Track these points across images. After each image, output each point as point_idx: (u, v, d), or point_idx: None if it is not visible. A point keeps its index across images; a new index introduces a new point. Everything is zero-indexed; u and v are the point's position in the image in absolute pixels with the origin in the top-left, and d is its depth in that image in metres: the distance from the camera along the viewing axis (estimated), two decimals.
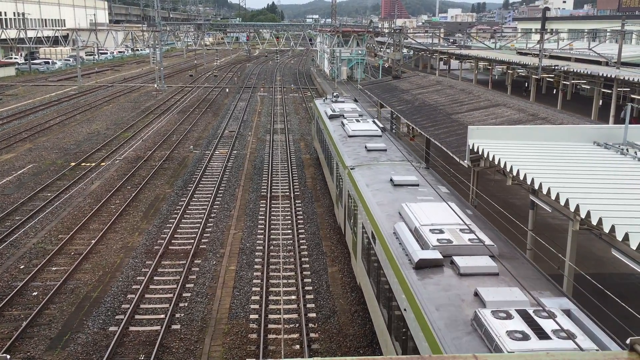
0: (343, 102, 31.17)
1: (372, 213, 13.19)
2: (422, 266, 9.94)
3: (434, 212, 11.85)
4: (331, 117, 25.84)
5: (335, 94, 33.08)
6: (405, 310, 9.62)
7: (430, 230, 10.95)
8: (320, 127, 27.56)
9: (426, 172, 17.02)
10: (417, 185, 14.86)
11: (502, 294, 8.61)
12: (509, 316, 8.01)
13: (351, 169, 17.30)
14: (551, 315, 7.94)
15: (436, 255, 10.07)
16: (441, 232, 10.84)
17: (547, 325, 7.80)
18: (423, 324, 8.61)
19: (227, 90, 65.57)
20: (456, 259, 9.80)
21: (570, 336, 7.53)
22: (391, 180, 15.27)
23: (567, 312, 8.45)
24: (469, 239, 10.43)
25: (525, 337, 7.56)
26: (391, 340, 10.90)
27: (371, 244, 12.87)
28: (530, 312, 8.16)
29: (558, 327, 7.68)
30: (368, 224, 13.29)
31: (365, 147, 19.71)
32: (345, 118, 25.11)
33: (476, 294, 8.82)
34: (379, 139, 21.19)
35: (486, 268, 9.56)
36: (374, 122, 24.07)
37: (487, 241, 10.36)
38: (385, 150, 19.43)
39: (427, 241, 10.55)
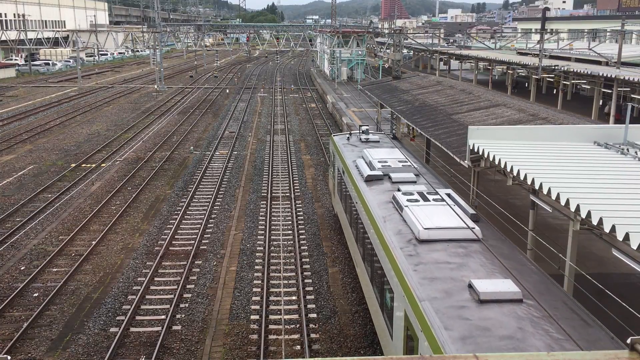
0: (378, 142, 20.41)
1: None
2: None
3: None
4: (370, 181, 15.37)
5: (363, 128, 21.58)
6: None
7: None
8: (348, 192, 17.10)
9: None
10: None
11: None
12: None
13: None
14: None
15: None
16: None
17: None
18: None
19: (227, 91, 65.59)
20: None
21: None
22: None
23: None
24: None
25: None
26: None
27: None
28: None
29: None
30: None
31: (471, 288, 9.07)
32: (398, 187, 14.15)
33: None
34: (481, 251, 10.50)
35: None
36: (449, 196, 13.29)
37: None
38: (521, 300, 8.75)
39: None
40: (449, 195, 13.35)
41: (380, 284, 11.98)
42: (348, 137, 21.40)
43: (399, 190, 13.79)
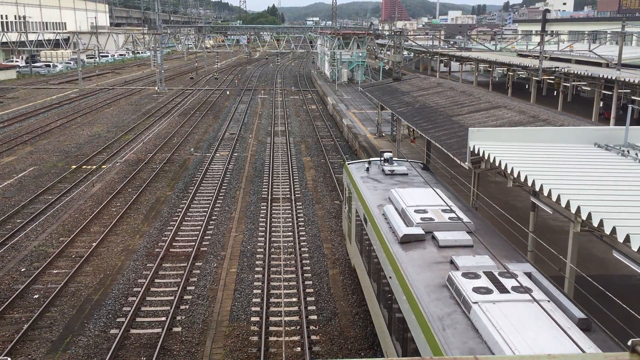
0: (406, 175, 16.34)
1: None
2: None
3: None
4: (407, 243, 11.22)
5: (386, 155, 17.24)
6: None
7: None
8: (374, 252, 12.73)
9: None
10: None
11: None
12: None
13: None
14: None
15: None
16: None
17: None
18: None
19: (228, 92, 65.63)
20: None
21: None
22: None
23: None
24: None
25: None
26: None
27: None
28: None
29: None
30: None
31: None
32: (450, 258, 10.17)
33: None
34: None
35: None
36: (531, 278, 9.42)
37: None
38: None
39: None
40: (529, 276, 9.41)
41: None
42: (367, 168, 17.14)
43: (453, 263, 9.96)
